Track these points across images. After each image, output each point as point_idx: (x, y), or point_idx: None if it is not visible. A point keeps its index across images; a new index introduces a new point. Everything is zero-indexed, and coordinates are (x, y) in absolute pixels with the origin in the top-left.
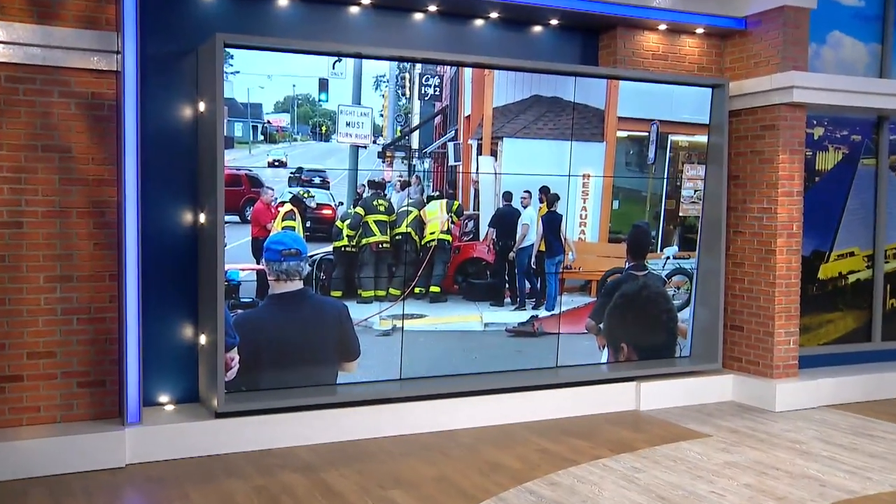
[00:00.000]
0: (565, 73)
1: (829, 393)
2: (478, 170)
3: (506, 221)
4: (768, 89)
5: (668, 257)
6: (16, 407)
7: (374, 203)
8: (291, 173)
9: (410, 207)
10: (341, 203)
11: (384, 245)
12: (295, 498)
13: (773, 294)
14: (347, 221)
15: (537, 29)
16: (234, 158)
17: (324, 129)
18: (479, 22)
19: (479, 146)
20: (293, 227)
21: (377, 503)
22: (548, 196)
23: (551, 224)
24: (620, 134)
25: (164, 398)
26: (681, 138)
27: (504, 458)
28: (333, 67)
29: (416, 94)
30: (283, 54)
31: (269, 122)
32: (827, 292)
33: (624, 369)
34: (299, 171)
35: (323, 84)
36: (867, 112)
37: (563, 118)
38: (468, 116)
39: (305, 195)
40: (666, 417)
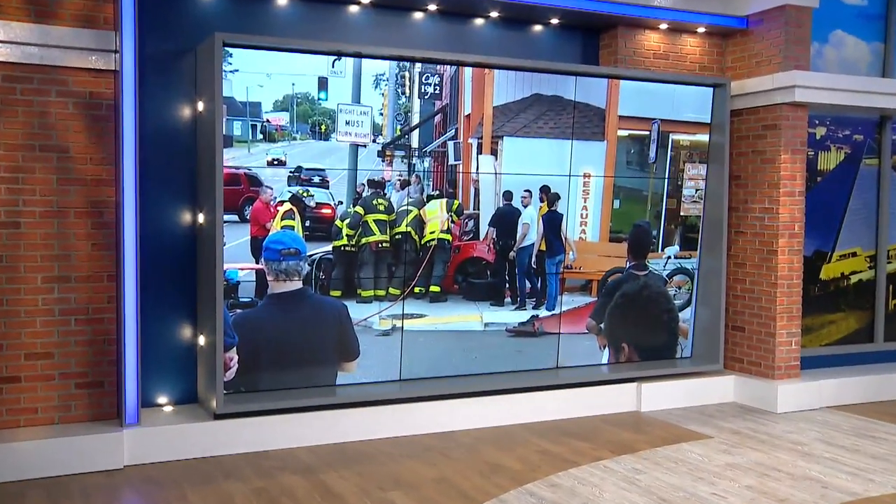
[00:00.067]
0: (566, 72)
1: (832, 394)
2: (478, 169)
3: (506, 221)
4: (770, 89)
5: (670, 257)
6: (13, 408)
7: (374, 202)
8: (291, 172)
9: (410, 207)
10: (341, 202)
11: (384, 244)
12: (294, 500)
13: (774, 295)
14: (347, 221)
15: (538, 28)
16: (232, 157)
17: (323, 127)
18: (480, 21)
19: (480, 145)
20: (292, 227)
21: None
22: (548, 195)
23: (552, 223)
24: (621, 133)
25: (162, 399)
26: (682, 137)
27: (504, 460)
28: (333, 66)
29: (415, 93)
30: (282, 52)
31: (268, 120)
32: (829, 293)
33: (625, 370)
34: (298, 170)
35: (322, 82)
36: (870, 112)
37: (563, 117)
38: (468, 115)
39: (305, 194)
40: (667, 418)
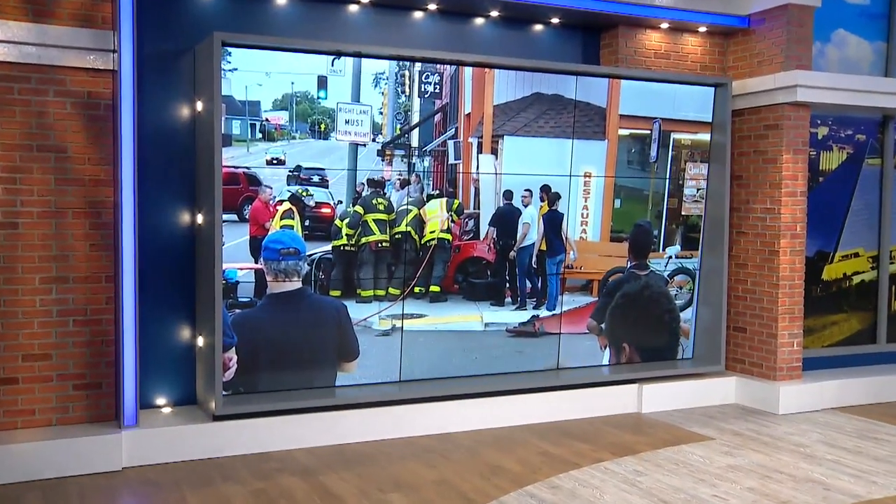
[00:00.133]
0: (567, 72)
1: (834, 395)
2: (478, 168)
3: (506, 220)
4: (772, 88)
5: (671, 257)
6: (10, 410)
7: (374, 202)
8: (290, 171)
9: (410, 206)
10: (340, 202)
11: (384, 244)
12: (293, 501)
13: (776, 295)
14: (346, 220)
15: (538, 27)
16: (231, 157)
17: (323, 126)
18: (480, 20)
19: (480, 144)
20: (292, 226)
21: None
22: (549, 195)
23: (552, 223)
24: (622, 132)
25: (161, 401)
26: (683, 136)
27: (505, 462)
28: (332, 65)
29: (415, 92)
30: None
31: (267, 119)
32: (831, 294)
33: (626, 371)
34: (298, 169)
35: (322, 81)
36: (872, 111)
37: (564, 116)
38: (468, 114)
39: (304, 194)
40: (668, 420)
